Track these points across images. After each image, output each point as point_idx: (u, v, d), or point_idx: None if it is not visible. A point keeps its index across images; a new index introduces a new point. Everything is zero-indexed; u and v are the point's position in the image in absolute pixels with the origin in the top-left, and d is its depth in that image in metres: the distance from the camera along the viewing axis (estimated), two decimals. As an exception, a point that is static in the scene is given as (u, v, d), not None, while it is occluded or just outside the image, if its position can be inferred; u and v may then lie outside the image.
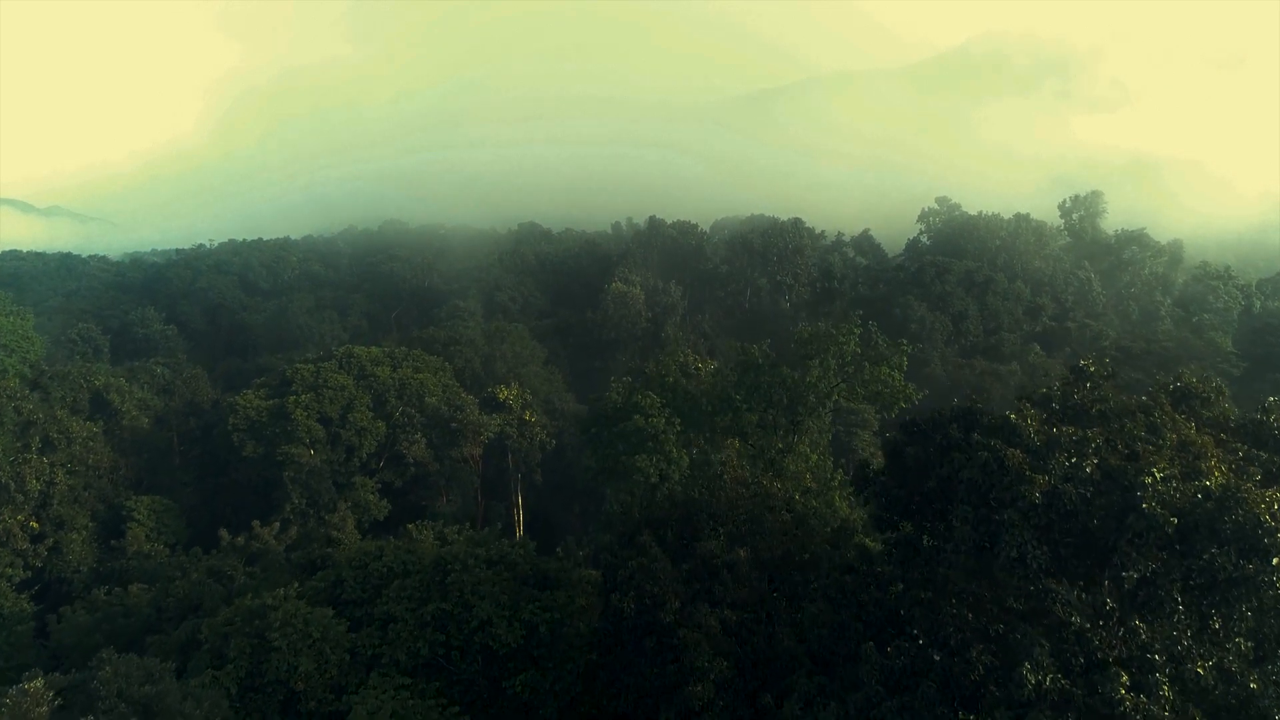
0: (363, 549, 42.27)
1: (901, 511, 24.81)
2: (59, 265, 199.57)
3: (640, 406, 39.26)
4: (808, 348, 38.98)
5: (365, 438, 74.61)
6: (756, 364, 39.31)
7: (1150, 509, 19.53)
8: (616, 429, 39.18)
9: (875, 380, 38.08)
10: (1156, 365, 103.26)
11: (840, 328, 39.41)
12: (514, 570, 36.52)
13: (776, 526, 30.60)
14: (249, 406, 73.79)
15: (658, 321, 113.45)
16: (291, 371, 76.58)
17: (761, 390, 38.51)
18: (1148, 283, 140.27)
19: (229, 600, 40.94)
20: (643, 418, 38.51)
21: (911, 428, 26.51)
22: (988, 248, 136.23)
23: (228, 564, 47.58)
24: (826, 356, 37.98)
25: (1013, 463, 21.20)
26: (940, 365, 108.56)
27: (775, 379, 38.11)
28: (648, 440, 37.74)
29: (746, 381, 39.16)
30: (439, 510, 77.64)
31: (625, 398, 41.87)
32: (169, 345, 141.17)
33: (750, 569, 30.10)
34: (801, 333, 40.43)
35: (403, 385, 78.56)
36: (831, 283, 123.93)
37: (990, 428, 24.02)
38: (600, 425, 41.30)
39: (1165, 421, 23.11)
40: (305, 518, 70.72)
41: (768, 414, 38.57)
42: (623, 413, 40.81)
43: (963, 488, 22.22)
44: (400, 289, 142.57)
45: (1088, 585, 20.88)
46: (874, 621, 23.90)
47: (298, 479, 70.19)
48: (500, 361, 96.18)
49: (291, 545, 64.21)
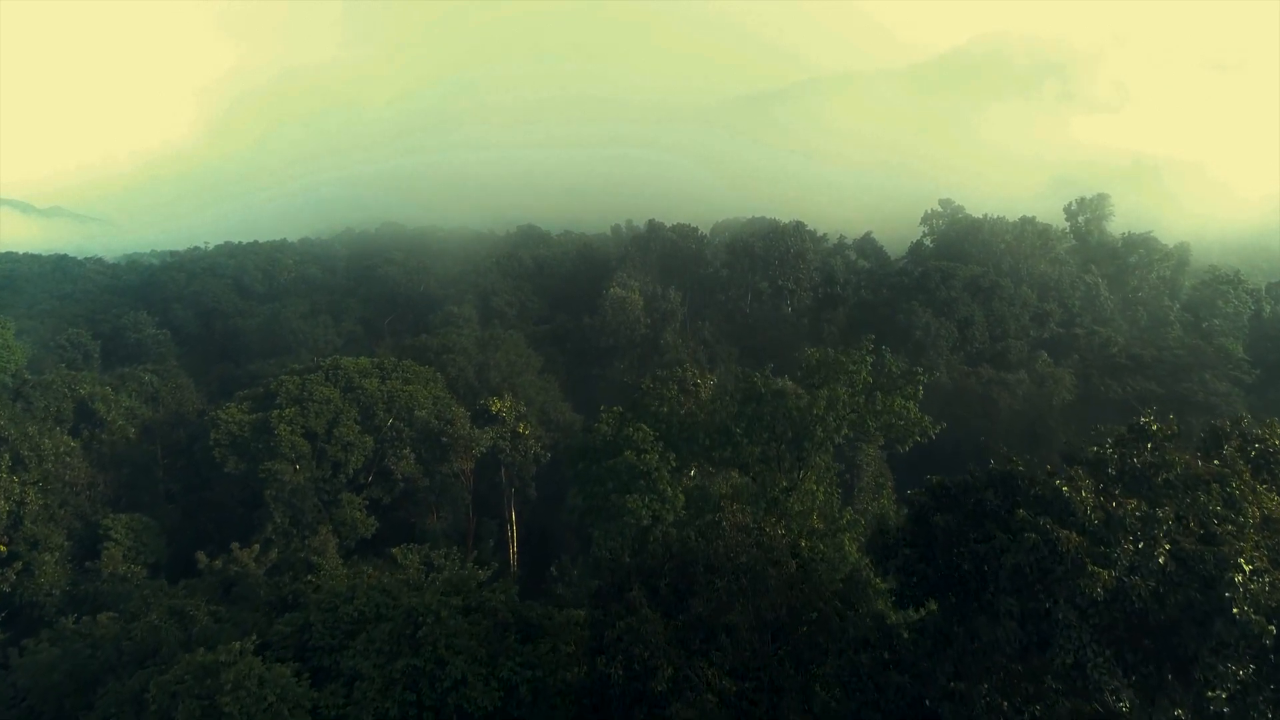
0: (333, 591, 38.86)
1: (929, 589, 21.37)
2: (54, 267, 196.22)
3: (631, 440, 35.74)
4: (815, 375, 35.33)
5: (352, 453, 71.20)
6: (758, 393, 35.77)
7: (1243, 614, 16.13)
8: (606, 465, 35.66)
9: (888, 411, 34.55)
10: (1168, 373, 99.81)
11: (851, 354, 35.77)
12: (494, 618, 33.18)
13: (780, 582, 27.12)
14: (231, 421, 70.39)
15: (656, 328, 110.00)
16: (276, 384, 73.21)
17: (764, 421, 35.03)
18: (1155, 287, 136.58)
19: (188, 645, 37.61)
20: (634, 453, 35.01)
21: (940, 492, 22.98)
22: (992, 251, 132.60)
23: (191, 603, 44.12)
24: (835, 385, 34.44)
25: (1068, 548, 17.78)
26: (946, 373, 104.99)
27: (779, 410, 34.64)
28: (639, 478, 34.25)
29: (747, 412, 35.62)
30: (429, 528, 74.26)
31: (615, 429, 38.31)
32: (160, 350, 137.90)
33: (751, 630, 26.64)
34: (809, 358, 36.82)
35: (391, 397, 75.14)
36: (834, 288, 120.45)
37: (1037, 499, 20.47)
38: (588, 460, 37.78)
39: (1245, 493, 19.56)
40: (288, 537, 67.37)
41: (770, 446, 35.09)
42: (612, 446, 37.18)
43: (1005, 574, 18.75)
44: (395, 293, 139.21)
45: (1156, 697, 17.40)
46: (895, 712, 20.53)
47: (280, 497, 66.81)
48: (494, 370, 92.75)
49: (272, 568, 60.91)
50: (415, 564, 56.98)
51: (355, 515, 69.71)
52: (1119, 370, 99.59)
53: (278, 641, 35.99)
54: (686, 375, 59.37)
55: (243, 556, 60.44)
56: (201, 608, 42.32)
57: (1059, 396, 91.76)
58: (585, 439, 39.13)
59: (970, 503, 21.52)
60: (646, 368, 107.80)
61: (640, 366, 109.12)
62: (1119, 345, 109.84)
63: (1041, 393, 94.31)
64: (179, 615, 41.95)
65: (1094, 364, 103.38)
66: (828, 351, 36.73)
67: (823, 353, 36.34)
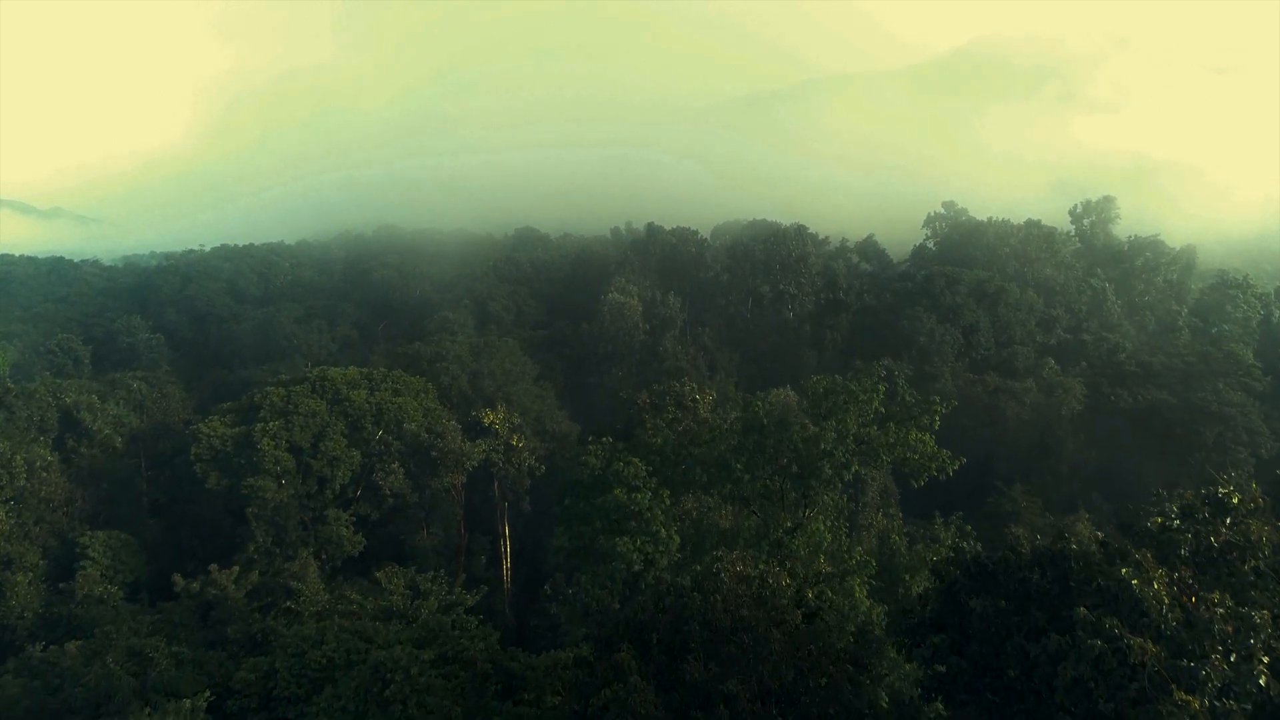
0: (301, 635, 35.71)
1: (963, 685, 18.12)
2: (49, 270, 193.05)
3: (622, 476, 32.54)
4: (822, 404, 32.07)
5: (338, 468, 68.10)
6: (760, 423, 32.59)
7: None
8: (594, 502, 32.46)
9: (902, 444, 31.34)
10: (1178, 381, 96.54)
11: (862, 383, 32.42)
12: (472, 669, 30.14)
13: (785, 644, 23.99)
14: (213, 434, 67.27)
15: (655, 334, 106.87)
16: (260, 396, 70.06)
17: (766, 453, 31.86)
18: (1162, 291, 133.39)
19: (143, 692, 34.57)
20: (625, 491, 31.83)
21: (976, 569, 19.75)
22: (998, 255, 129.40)
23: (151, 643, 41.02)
24: (845, 417, 31.22)
25: (1142, 661, 14.54)
26: (951, 381, 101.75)
27: (783, 442, 31.46)
28: (630, 518, 31.10)
29: (748, 444, 32.44)
30: (418, 544, 71.24)
31: (605, 462, 35.12)
32: (153, 356, 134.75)
33: (753, 699, 23.50)
34: (815, 385, 33.39)
35: (380, 410, 72.04)
36: (836, 293, 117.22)
37: (1098, 591, 17.14)
38: (575, 496, 34.56)
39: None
40: (271, 557, 64.33)
41: (773, 481, 31.95)
42: (601, 481, 33.94)
43: (1063, 687, 15.50)
44: (390, 298, 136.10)
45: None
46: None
47: (262, 515, 63.75)
48: (488, 379, 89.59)
49: (252, 591, 57.87)
50: (400, 588, 53.94)
51: (341, 532, 66.68)
52: (1128, 378, 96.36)
53: (241, 689, 32.95)
54: (685, 390, 56.31)
55: (221, 579, 57.41)
56: (162, 648, 39.24)
57: (1068, 406, 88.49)
58: (573, 472, 35.89)
59: (1012, 584, 18.33)
60: (645, 375, 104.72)
61: (638, 374, 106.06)
62: (1127, 352, 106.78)
63: (1050, 402, 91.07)
64: (138, 657, 38.84)
65: (1103, 371, 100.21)
66: (835, 379, 33.42)
67: (830, 380, 33.06)
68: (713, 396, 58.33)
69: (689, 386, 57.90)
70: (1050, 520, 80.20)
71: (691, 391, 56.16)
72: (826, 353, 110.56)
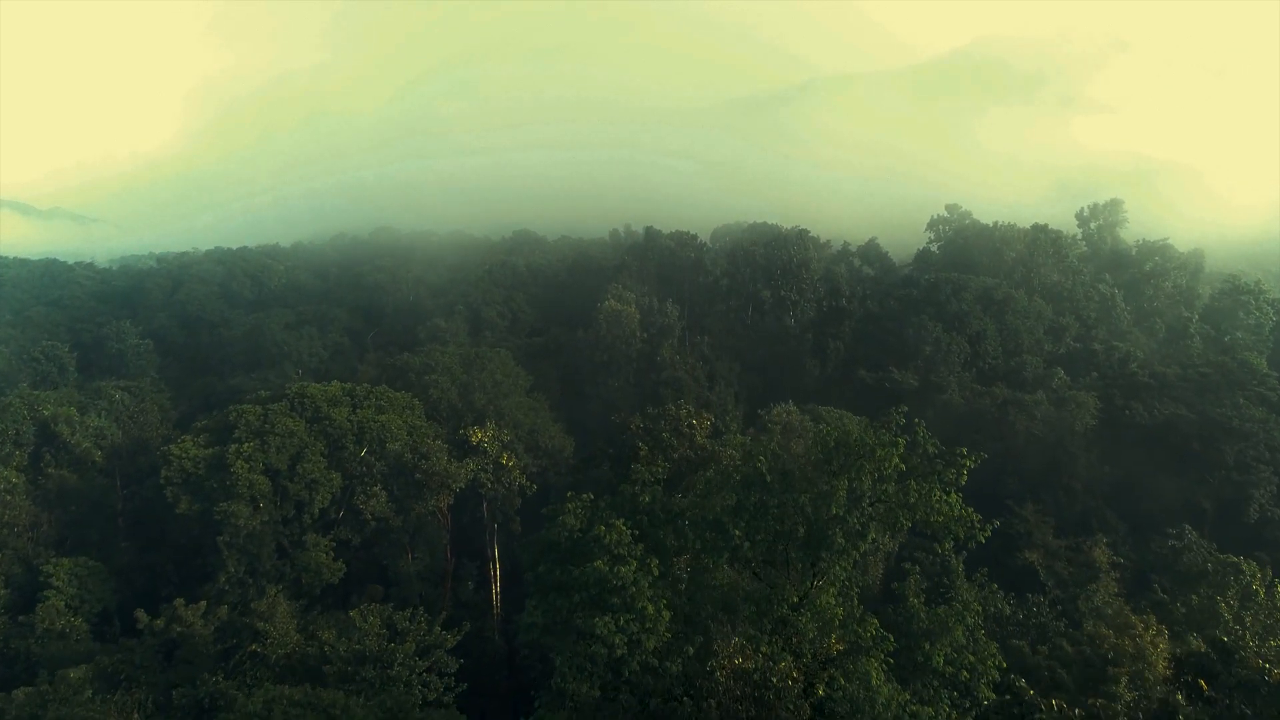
0: (249, 711, 31.50)
1: None
2: (43, 272, 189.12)
3: (604, 543, 28.02)
4: (834, 460, 27.39)
5: (317, 491, 63.84)
6: (762, 480, 27.99)
7: None
8: (572, 574, 27.91)
9: (924, 504, 26.73)
10: (1194, 393, 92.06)
11: (881, 435, 27.64)
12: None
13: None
14: (184, 456, 63.00)
15: (653, 343, 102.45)
16: (235, 414, 65.77)
17: (770, 513, 27.29)
18: (1171, 297, 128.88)
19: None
20: (607, 562, 27.27)
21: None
22: (1003, 260, 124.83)
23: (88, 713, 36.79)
24: (861, 475, 26.63)
25: None
26: (957, 392, 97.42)
27: (788, 504, 26.89)
28: (613, 594, 26.64)
29: (749, 504, 28.14)
30: (402, 569, 66.99)
31: (585, 523, 30.56)
32: (141, 362, 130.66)
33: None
34: (825, 439, 28.36)
35: (362, 429, 67.78)
36: (839, 300, 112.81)
37: None
38: (550, 563, 29.98)
39: None
40: (244, 587, 60.13)
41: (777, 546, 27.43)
42: (580, 547, 29.37)
43: None
44: (382, 303, 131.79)
45: None
46: None
47: (234, 544, 59.48)
48: (479, 392, 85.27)
49: (221, 628, 53.70)
50: (375, 628, 49.76)
51: (320, 559, 62.43)
52: (1141, 390, 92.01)
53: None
54: (681, 414, 52.03)
55: (187, 615, 53.30)
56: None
57: (1081, 421, 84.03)
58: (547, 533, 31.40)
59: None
60: (642, 386, 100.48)
61: (635, 384, 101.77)
62: (1138, 361, 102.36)
63: (1061, 416, 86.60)
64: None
65: (1115, 382, 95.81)
66: (848, 430, 28.71)
67: (842, 431, 28.35)
68: (710, 422, 54.10)
69: (685, 410, 53.63)
70: (1064, 543, 76.10)
71: (688, 416, 51.90)
72: (829, 362, 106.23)
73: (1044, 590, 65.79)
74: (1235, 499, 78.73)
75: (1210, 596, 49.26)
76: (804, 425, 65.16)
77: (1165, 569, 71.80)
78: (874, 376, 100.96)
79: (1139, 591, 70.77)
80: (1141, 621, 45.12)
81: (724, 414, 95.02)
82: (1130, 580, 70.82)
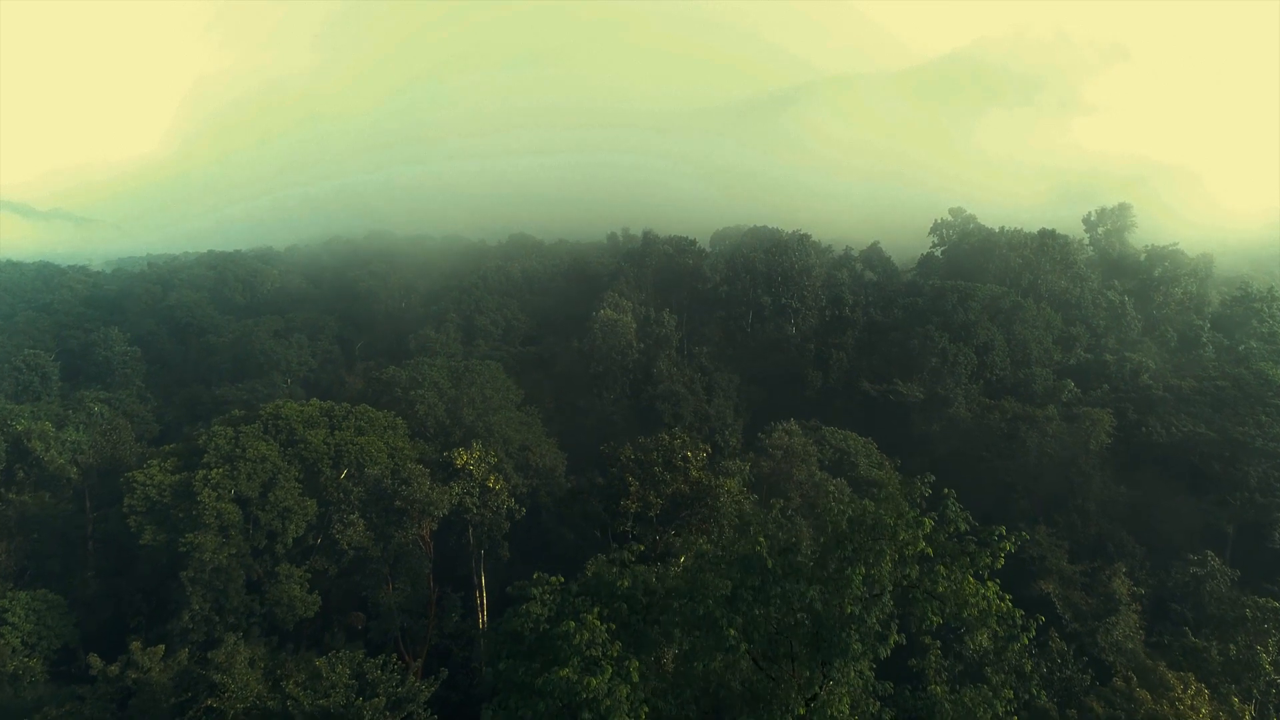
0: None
1: None
2: (35, 275, 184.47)
3: (574, 642, 22.99)
4: (846, 544, 22.32)
5: (290, 519, 59.36)
6: (762, 564, 23.04)
7: None
8: (537, 680, 22.99)
9: (955, 596, 21.78)
10: (1211, 407, 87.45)
11: (904, 515, 22.68)
12: None
13: None
14: (149, 484, 58.53)
15: (650, 354, 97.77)
16: (205, 438, 61.29)
17: (772, 603, 22.40)
18: (1181, 303, 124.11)
19: None
20: (576, 669, 22.32)
21: None
22: (1010, 266, 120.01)
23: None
24: (879, 562, 21.63)
25: None
26: (964, 405, 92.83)
27: (793, 595, 21.97)
28: (584, 708, 21.76)
29: (746, 595, 23.10)
30: (382, 601, 62.41)
31: (554, 611, 25.62)
32: (127, 370, 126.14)
33: None
34: (836, 517, 23.20)
35: (340, 452, 63.29)
36: (842, 310, 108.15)
37: None
38: (514, 658, 25.08)
39: None
40: (210, 625, 55.68)
41: (780, 642, 22.56)
42: (547, 643, 24.36)
43: None
44: (374, 310, 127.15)
45: None
46: None
47: (199, 579, 54.98)
48: (468, 407, 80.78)
49: (180, 674, 49.21)
50: (344, 678, 45.27)
51: (293, 592, 58.00)
52: (1156, 404, 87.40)
53: None
54: (674, 445, 47.50)
55: (144, 660, 48.82)
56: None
57: (1096, 439, 79.34)
58: (511, 621, 26.73)
59: None
60: (639, 399, 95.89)
61: (632, 396, 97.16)
62: (1150, 372, 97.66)
63: (1074, 432, 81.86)
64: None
65: (1127, 396, 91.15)
66: (866, 505, 23.57)
67: (858, 506, 23.34)
68: (706, 454, 49.55)
69: (679, 439, 49.11)
70: (1079, 568, 71.51)
71: (682, 446, 47.43)
72: (832, 373, 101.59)
73: (1061, 624, 61.39)
74: (1259, 522, 74.12)
75: (1249, 645, 44.94)
76: (806, 449, 60.62)
77: (1187, 598, 67.48)
78: (878, 389, 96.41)
79: (1159, 622, 66.29)
80: (1179, 680, 40.71)
81: (723, 428, 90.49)
82: (1150, 610, 66.32)
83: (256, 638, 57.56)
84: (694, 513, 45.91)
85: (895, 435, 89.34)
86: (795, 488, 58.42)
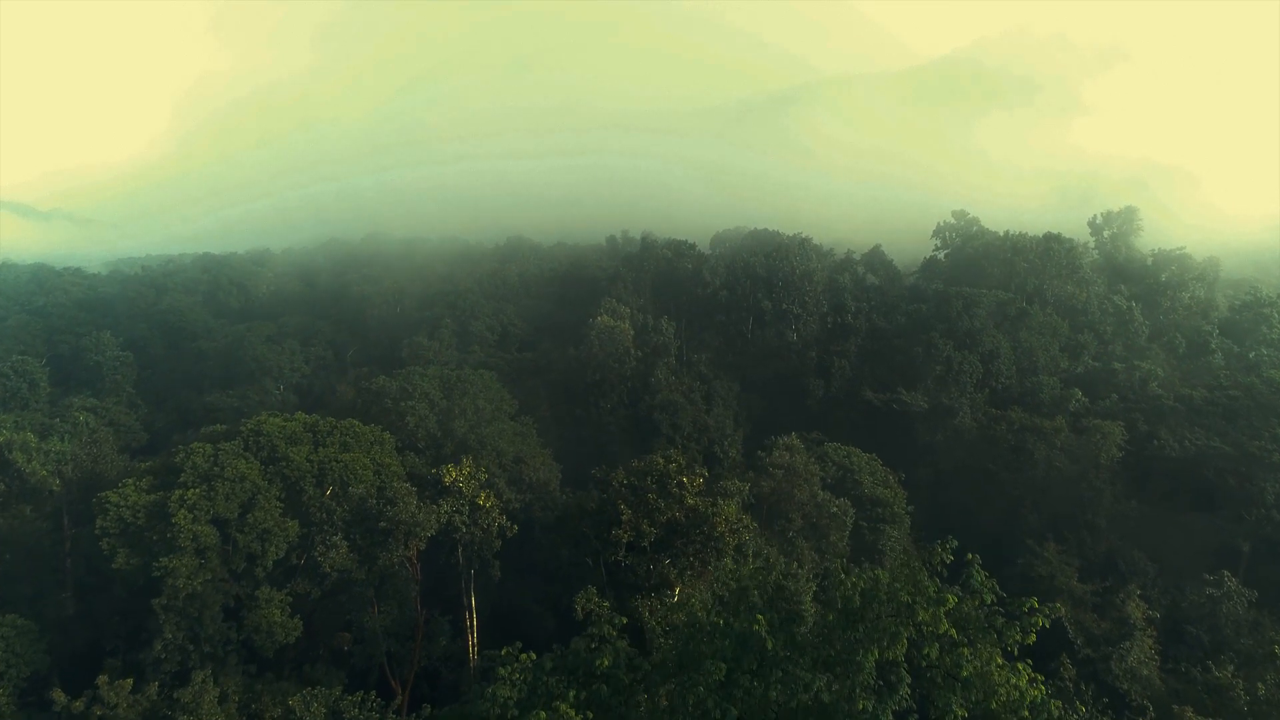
0: None
1: None
2: (30, 277, 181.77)
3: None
4: (857, 625, 18.85)
5: (270, 542, 56.43)
6: (761, 645, 19.86)
7: None
8: None
9: (981, 680, 18.38)
10: (1223, 418, 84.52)
11: (923, 590, 19.35)
12: None
13: None
14: (122, 504, 55.60)
15: (648, 362, 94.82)
16: (182, 455, 58.36)
17: (772, 686, 19.38)
18: (1188, 309, 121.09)
19: None
20: None
21: None
22: (1015, 270, 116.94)
23: None
24: (895, 644, 18.34)
25: None
26: (969, 415, 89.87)
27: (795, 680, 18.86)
28: None
29: (738, 693, 19.37)
30: (367, 624, 59.55)
31: (525, 693, 22.40)
32: (119, 375, 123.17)
33: None
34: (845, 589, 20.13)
35: (323, 470, 60.38)
36: (844, 316, 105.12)
37: None
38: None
39: None
40: (185, 654, 52.82)
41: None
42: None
43: None
44: (368, 315, 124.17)
45: None
46: None
47: (173, 607, 52.08)
48: (460, 419, 77.93)
49: (150, 710, 46.38)
50: (320, 716, 42.44)
51: (274, 617, 55.04)
52: (1167, 415, 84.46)
53: None
54: (669, 469, 44.55)
55: (110, 696, 45.94)
56: None
57: (1107, 452, 76.37)
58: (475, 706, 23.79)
59: None
60: (636, 408, 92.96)
61: (629, 406, 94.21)
62: (1160, 380, 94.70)
63: (1084, 445, 78.94)
64: None
65: (1136, 405, 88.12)
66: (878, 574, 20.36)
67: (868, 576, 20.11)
68: (702, 480, 46.61)
69: (674, 464, 46.18)
70: (1090, 588, 68.60)
71: (677, 472, 44.56)
72: (834, 381, 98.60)
73: (1073, 649, 58.51)
74: (1275, 540, 71.22)
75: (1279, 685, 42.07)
76: (808, 468, 57.67)
77: (1202, 620, 64.60)
78: (881, 398, 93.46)
79: (1174, 646, 63.43)
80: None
81: (722, 439, 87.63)
82: (1165, 633, 63.35)
83: (234, 666, 54.78)
84: (690, 541, 43.04)
85: (899, 446, 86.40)
86: (797, 509, 55.56)
